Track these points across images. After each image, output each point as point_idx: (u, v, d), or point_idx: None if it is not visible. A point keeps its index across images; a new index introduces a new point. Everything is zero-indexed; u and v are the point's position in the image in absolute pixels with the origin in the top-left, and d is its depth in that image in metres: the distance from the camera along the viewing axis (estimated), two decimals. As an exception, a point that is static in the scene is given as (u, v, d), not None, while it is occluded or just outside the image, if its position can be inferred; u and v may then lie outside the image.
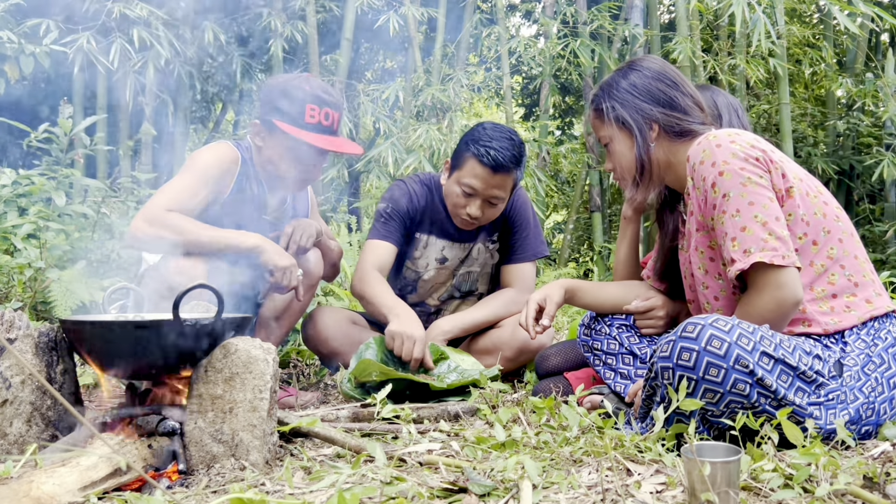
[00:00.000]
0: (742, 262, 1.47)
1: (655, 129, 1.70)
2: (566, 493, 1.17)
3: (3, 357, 1.43)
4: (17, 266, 2.86)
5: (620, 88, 1.73)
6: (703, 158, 1.56)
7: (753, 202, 1.49)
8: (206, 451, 1.36)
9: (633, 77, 1.73)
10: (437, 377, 2.16)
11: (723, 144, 1.54)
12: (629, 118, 1.71)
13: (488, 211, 2.37)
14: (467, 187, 2.32)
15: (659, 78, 1.71)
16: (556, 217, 8.54)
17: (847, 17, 4.05)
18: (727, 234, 1.51)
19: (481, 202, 2.34)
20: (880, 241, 5.05)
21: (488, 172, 2.28)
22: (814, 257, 1.54)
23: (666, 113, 1.69)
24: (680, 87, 1.72)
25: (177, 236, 1.97)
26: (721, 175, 1.51)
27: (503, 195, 2.35)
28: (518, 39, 5.29)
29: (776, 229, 1.48)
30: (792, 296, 1.47)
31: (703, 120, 1.71)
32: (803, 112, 5.90)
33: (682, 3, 4.72)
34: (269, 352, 1.42)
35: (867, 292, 1.55)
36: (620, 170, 1.77)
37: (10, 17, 4.12)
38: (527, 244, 2.56)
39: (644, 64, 1.76)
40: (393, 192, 2.54)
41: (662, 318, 1.90)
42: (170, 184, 2.10)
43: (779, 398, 1.37)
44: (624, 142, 1.73)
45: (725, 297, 1.64)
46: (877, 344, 1.50)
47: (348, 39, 5.08)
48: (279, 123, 2.12)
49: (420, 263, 2.56)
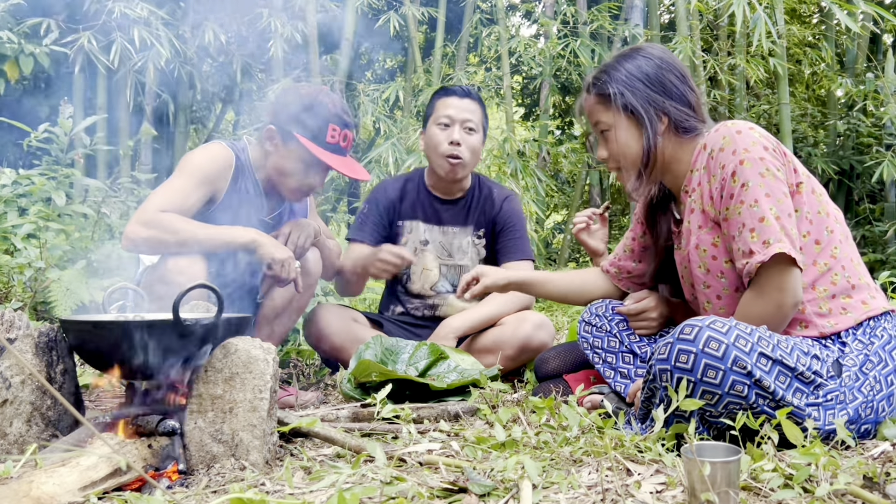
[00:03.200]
0: (762, 253, 1.45)
1: (665, 122, 1.66)
2: (566, 493, 1.17)
3: (3, 357, 1.43)
4: (17, 266, 2.86)
5: (629, 74, 1.66)
6: (723, 145, 1.53)
7: (770, 194, 1.47)
8: (206, 451, 1.36)
9: (641, 63, 1.67)
10: (437, 377, 2.16)
11: (743, 131, 1.52)
12: (640, 107, 1.64)
13: (468, 138, 2.54)
14: (444, 118, 2.54)
15: (670, 69, 1.66)
16: (556, 217, 8.53)
17: (848, 16, 4.04)
18: (745, 225, 1.48)
19: (459, 128, 2.53)
20: (880, 241, 5.04)
21: (456, 98, 2.56)
22: (817, 256, 1.54)
23: (677, 107, 1.65)
24: (688, 82, 1.68)
25: (172, 236, 1.96)
26: (742, 164, 1.49)
27: (476, 121, 2.56)
28: (518, 39, 5.28)
29: (787, 226, 1.47)
30: (792, 298, 1.47)
31: (705, 119, 1.69)
32: (803, 112, 5.90)
33: (682, 3, 4.72)
34: (269, 352, 1.42)
35: (863, 294, 1.55)
36: (625, 160, 1.70)
37: (9, 16, 4.12)
38: (522, 244, 2.65)
39: (650, 51, 1.69)
40: (371, 193, 2.72)
41: (656, 320, 1.90)
42: (163, 186, 2.09)
43: (777, 399, 1.37)
44: (630, 131, 1.67)
45: (728, 295, 1.62)
46: (873, 342, 1.50)
47: (348, 39, 5.08)
48: (300, 137, 2.12)
49: (408, 249, 2.63)
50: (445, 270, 2.66)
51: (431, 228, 2.66)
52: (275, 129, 2.18)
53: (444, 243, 2.65)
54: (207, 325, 1.38)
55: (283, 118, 2.16)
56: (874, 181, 4.86)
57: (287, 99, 2.21)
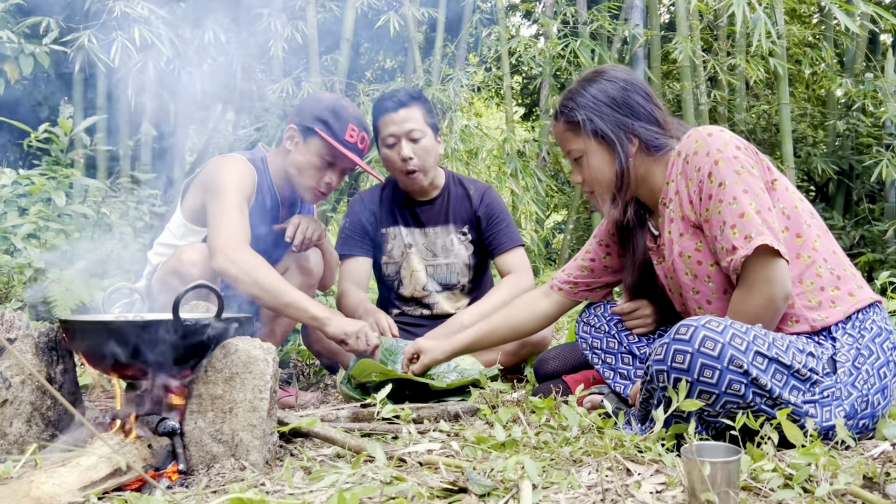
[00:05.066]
0: (745, 248, 1.46)
1: (636, 144, 1.66)
2: (566, 493, 1.17)
3: (3, 357, 1.43)
4: (17, 266, 2.86)
5: (595, 99, 1.66)
6: (696, 149, 1.55)
7: (748, 190, 1.49)
8: (206, 451, 1.36)
9: (606, 87, 1.67)
10: (437, 377, 2.16)
11: (714, 133, 1.55)
12: (609, 132, 1.65)
13: (417, 148, 2.51)
14: (389, 138, 2.50)
15: (634, 90, 1.67)
16: (556, 217, 8.53)
17: (847, 16, 4.04)
18: (725, 223, 1.50)
19: (405, 141, 2.49)
20: (880, 241, 5.04)
21: (391, 114, 2.49)
22: (800, 249, 1.55)
23: (646, 127, 1.65)
24: (653, 100, 1.69)
25: (261, 291, 1.98)
26: (716, 164, 1.51)
27: (418, 126, 2.50)
28: (518, 39, 5.28)
29: (768, 219, 1.48)
30: (782, 290, 1.47)
31: (674, 134, 1.69)
32: (803, 112, 5.89)
33: (682, 3, 4.72)
34: (269, 352, 1.42)
35: (849, 285, 1.56)
36: (598, 186, 1.71)
37: (9, 16, 4.12)
38: (509, 233, 2.66)
39: (614, 74, 1.70)
40: (349, 207, 2.75)
41: (650, 316, 1.90)
42: (224, 211, 2.07)
43: (774, 397, 1.37)
44: (601, 156, 1.67)
45: (718, 298, 1.63)
46: (863, 335, 1.51)
47: (348, 39, 5.08)
48: (319, 131, 2.20)
49: (395, 254, 2.68)
50: (432, 270, 2.67)
51: (412, 231, 2.67)
52: (296, 127, 2.26)
53: (427, 244, 2.67)
54: (207, 325, 1.38)
55: (303, 117, 2.25)
56: (873, 181, 4.86)
57: (309, 101, 2.31)
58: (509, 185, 4.74)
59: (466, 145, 4.80)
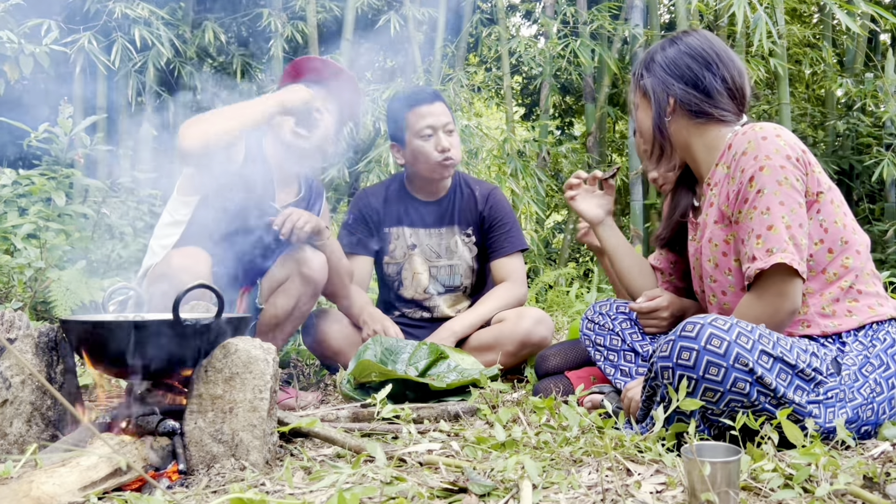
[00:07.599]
0: (763, 260, 1.47)
1: (671, 104, 1.69)
2: (566, 493, 1.17)
3: (3, 357, 1.43)
4: (17, 266, 2.86)
5: (657, 59, 1.73)
6: (746, 149, 1.54)
7: (784, 202, 1.48)
8: (206, 451, 1.36)
9: (670, 50, 1.73)
10: (437, 377, 2.16)
11: (769, 138, 1.52)
12: (650, 88, 1.72)
13: (453, 140, 2.55)
14: (425, 130, 2.51)
15: (692, 55, 1.69)
16: (556, 217, 8.52)
17: (847, 16, 4.04)
18: (753, 231, 1.50)
19: (443, 133, 2.52)
20: (880, 241, 5.04)
21: (427, 105, 2.53)
22: (828, 265, 1.54)
23: (686, 90, 1.67)
24: (712, 68, 1.67)
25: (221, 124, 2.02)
26: (761, 170, 1.50)
27: (451, 120, 2.57)
28: (518, 39, 5.28)
29: (797, 235, 1.47)
30: (791, 305, 1.48)
31: (728, 107, 1.67)
32: (803, 112, 5.89)
33: (682, 3, 4.71)
34: (269, 352, 1.42)
35: (870, 300, 1.55)
36: (640, 139, 1.80)
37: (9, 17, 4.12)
38: (510, 237, 2.64)
39: (686, 38, 1.73)
40: (353, 203, 2.72)
41: (666, 319, 1.89)
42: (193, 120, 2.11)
43: (778, 396, 1.37)
44: (644, 110, 1.76)
45: (733, 293, 1.63)
46: (875, 345, 1.50)
47: (348, 39, 5.08)
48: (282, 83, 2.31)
49: (397, 255, 2.65)
50: (435, 272, 2.66)
51: (417, 232, 2.65)
52: None
53: (431, 245, 2.65)
54: (207, 325, 1.38)
55: None
56: (874, 181, 4.86)
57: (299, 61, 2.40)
58: (509, 185, 4.74)
59: (466, 145, 4.80)
